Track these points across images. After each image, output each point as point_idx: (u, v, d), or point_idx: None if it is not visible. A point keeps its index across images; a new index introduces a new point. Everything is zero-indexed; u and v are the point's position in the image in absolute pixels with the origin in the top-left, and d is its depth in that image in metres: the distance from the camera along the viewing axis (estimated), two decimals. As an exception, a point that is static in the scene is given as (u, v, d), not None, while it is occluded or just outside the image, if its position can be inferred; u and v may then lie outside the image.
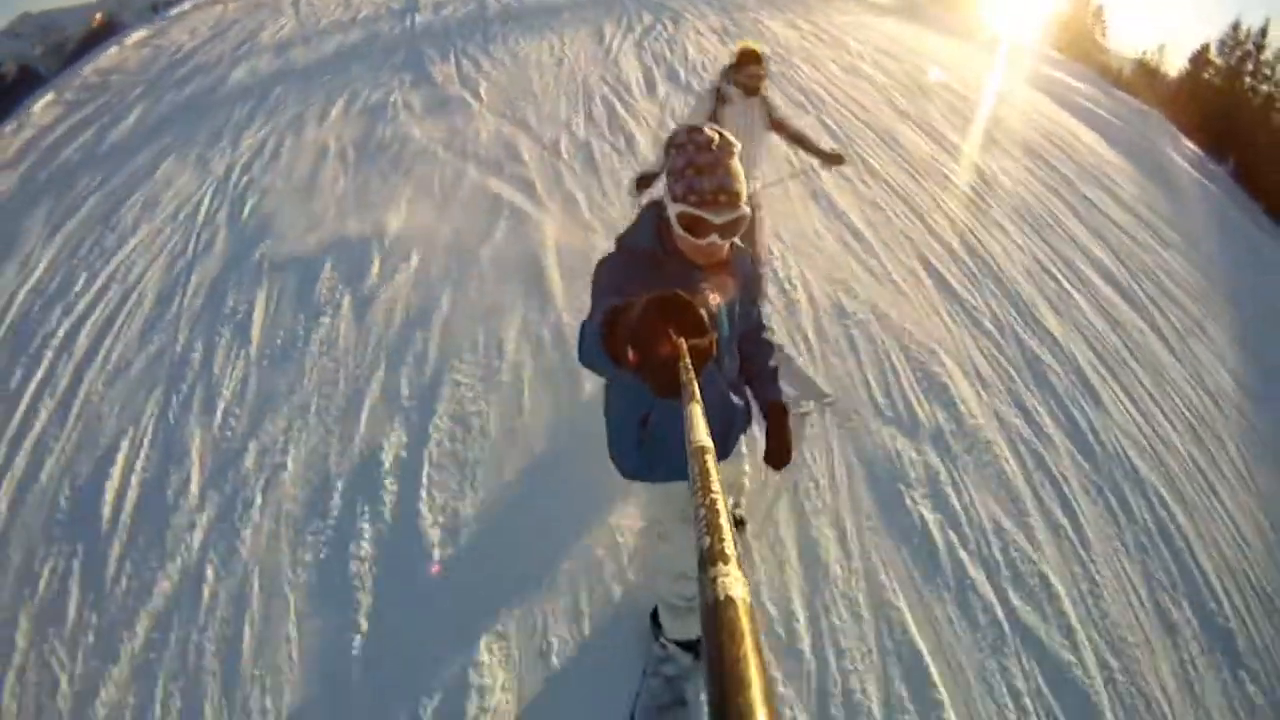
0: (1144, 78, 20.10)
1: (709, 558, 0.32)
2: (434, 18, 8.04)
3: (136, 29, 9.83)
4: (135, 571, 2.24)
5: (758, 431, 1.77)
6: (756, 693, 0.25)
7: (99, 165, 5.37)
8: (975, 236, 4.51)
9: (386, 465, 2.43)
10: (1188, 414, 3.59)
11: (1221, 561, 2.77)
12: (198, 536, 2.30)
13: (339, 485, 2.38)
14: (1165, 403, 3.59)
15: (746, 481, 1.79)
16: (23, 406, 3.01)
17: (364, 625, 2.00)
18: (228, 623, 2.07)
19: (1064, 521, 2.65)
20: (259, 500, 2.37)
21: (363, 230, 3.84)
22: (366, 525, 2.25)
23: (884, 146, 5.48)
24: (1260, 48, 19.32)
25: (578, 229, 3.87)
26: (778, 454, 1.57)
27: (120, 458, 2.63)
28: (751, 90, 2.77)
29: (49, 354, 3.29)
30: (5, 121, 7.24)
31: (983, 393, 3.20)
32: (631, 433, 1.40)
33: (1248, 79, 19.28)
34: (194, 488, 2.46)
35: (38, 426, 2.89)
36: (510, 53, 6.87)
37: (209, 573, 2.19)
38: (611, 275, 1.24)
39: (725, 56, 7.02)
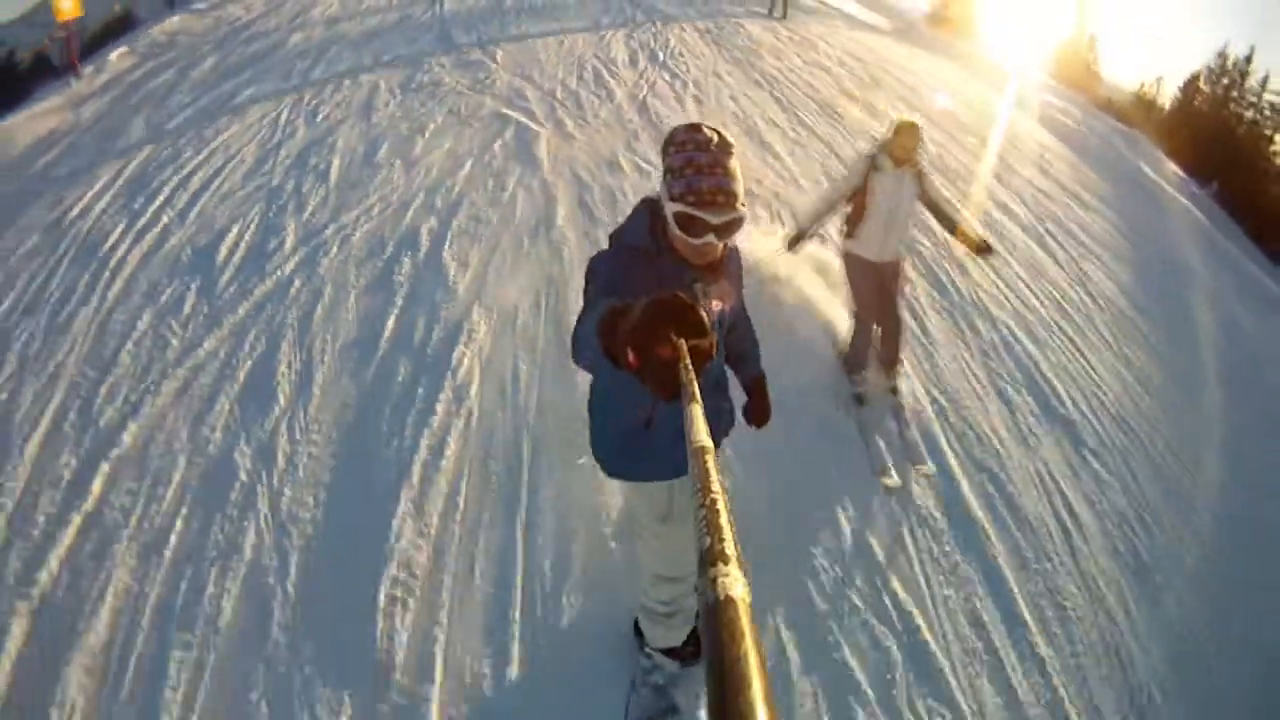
0: (1141, 109, 20.20)
1: (709, 558, 0.33)
2: (459, 6, 9.47)
3: (193, 5, 11.25)
4: (240, 284, 3.38)
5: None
6: (757, 692, 0.26)
7: (186, 92, 6.63)
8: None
9: (423, 234, 3.66)
10: (1060, 301, 4.17)
11: (1072, 383, 3.31)
12: (290, 265, 3.49)
13: (390, 242, 3.60)
14: (1036, 286, 4.26)
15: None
16: (147, 215, 4.13)
17: (399, 303, 3.19)
18: (306, 303, 3.22)
19: (911, 321, 3.47)
20: (335, 249, 3.57)
21: (410, 127, 5.12)
22: (407, 260, 3.45)
23: (822, 114, 6.78)
24: (1245, 75, 19.62)
25: (563, 136, 5.14)
26: (759, 413, 1.66)
27: (233, 232, 3.81)
28: (902, 161, 2.87)
29: (168, 189, 4.46)
30: (87, 62, 8.51)
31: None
32: (617, 433, 1.41)
33: (1233, 106, 19.75)
34: (288, 245, 3.65)
35: (162, 224, 4.02)
36: (522, 34, 8.26)
37: (296, 280, 3.37)
38: (606, 272, 1.24)
39: (701, 46, 8.45)
